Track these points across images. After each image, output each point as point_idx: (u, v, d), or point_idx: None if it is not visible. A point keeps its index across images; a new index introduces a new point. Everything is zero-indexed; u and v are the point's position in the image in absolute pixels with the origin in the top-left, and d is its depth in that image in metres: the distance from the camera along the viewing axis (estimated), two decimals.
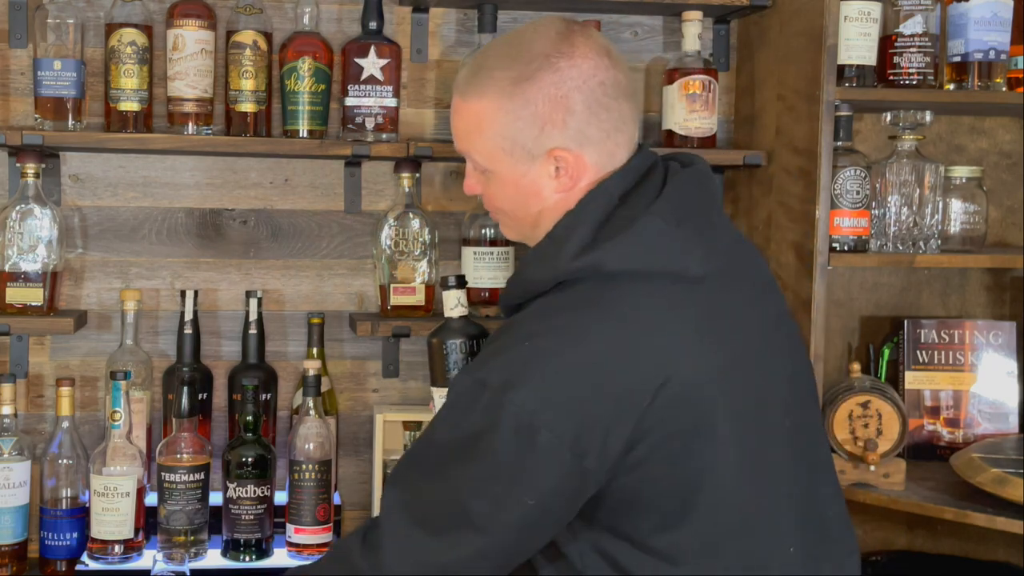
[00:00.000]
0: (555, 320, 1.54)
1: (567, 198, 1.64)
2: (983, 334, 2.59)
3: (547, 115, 1.60)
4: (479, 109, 1.65)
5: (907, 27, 2.40)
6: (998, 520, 2.15)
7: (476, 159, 1.70)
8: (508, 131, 1.63)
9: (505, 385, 1.48)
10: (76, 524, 2.29)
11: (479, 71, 1.66)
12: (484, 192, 1.74)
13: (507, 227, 1.78)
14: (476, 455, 1.50)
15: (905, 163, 2.41)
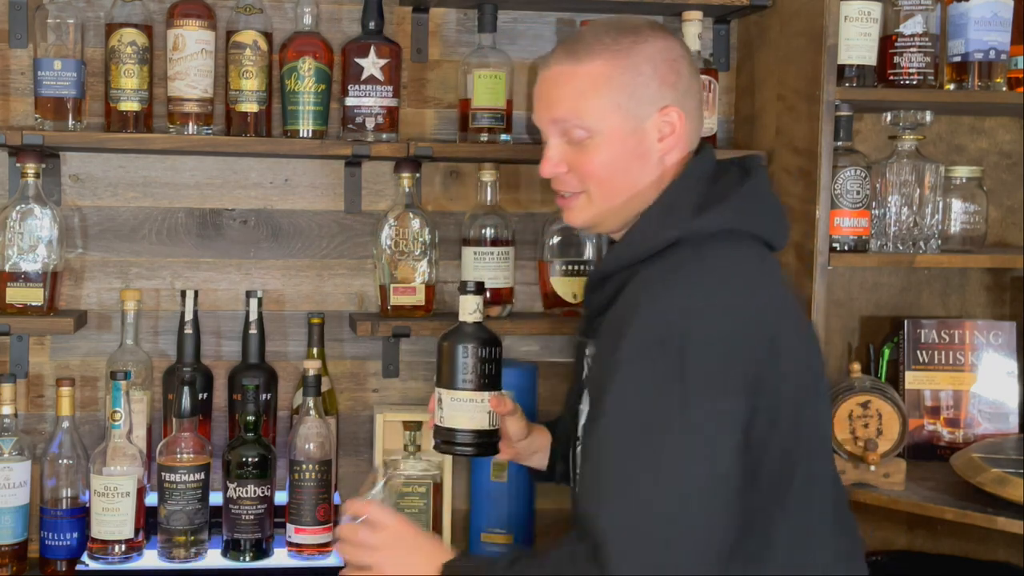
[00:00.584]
0: (695, 269, 1.61)
1: (661, 170, 1.71)
2: (983, 334, 2.59)
3: (663, 74, 1.69)
4: (594, 69, 1.68)
5: (907, 27, 2.40)
6: (998, 520, 2.15)
7: (584, 121, 1.69)
8: (627, 87, 1.68)
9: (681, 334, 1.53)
10: (76, 524, 2.29)
11: (583, 40, 1.71)
12: (577, 164, 1.72)
13: (589, 207, 1.75)
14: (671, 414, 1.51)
15: (905, 163, 2.41)
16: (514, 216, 2.54)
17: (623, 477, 1.52)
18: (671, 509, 1.50)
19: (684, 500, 1.50)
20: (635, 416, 1.53)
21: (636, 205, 1.72)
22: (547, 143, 1.75)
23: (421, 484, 2.38)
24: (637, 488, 1.50)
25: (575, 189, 1.75)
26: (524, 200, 2.60)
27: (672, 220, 1.66)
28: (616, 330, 1.58)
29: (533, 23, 2.58)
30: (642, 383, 1.53)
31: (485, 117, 2.41)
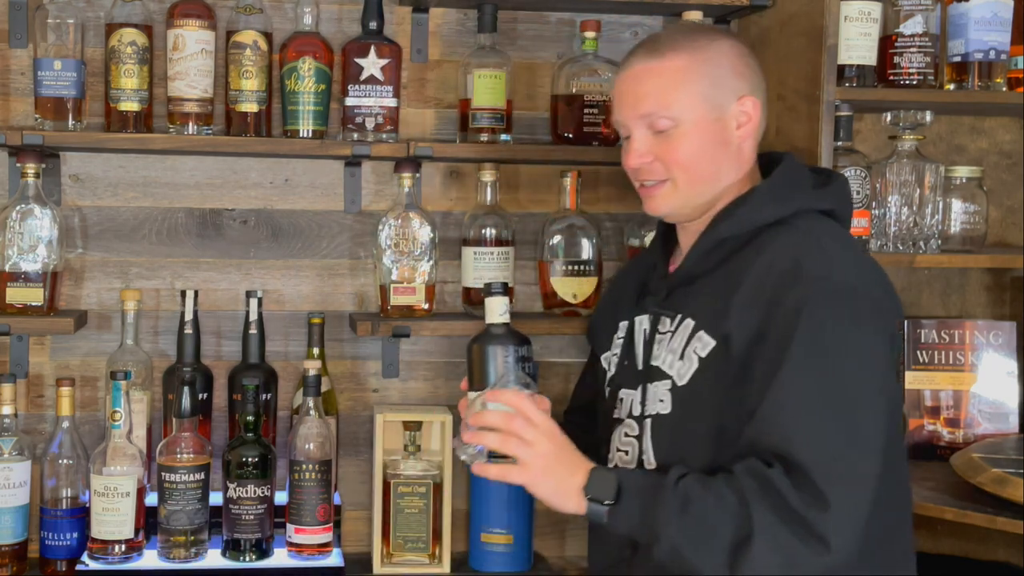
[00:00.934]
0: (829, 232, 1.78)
1: (740, 157, 1.83)
2: (983, 334, 2.59)
3: (739, 67, 1.82)
4: (677, 63, 1.79)
5: (907, 27, 2.40)
6: (998, 520, 2.15)
7: (671, 111, 1.78)
8: (709, 78, 1.79)
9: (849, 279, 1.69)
10: (76, 524, 2.29)
11: (661, 40, 1.84)
12: (663, 153, 1.80)
13: (674, 194, 1.83)
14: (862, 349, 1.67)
15: (905, 163, 2.41)
16: (514, 216, 2.54)
17: (822, 409, 1.62)
18: (864, 436, 1.63)
19: (872, 427, 1.64)
20: (828, 352, 1.64)
21: (717, 191, 1.82)
22: (630, 137, 1.83)
23: (421, 484, 2.38)
24: (836, 418, 1.62)
25: (660, 177, 1.82)
26: (524, 200, 2.60)
27: (794, 194, 1.81)
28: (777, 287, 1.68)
29: (533, 23, 2.58)
30: (829, 322, 1.64)
31: (485, 117, 2.41)
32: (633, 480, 1.68)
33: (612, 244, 2.60)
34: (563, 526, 2.63)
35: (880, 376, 1.68)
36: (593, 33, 2.46)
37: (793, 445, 1.60)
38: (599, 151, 2.45)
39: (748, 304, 1.69)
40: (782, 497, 1.58)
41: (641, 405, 1.82)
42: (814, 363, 1.63)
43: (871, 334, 1.68)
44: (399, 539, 2.38)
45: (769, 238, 1.75)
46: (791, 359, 1.63)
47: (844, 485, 1.59)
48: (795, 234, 1.74)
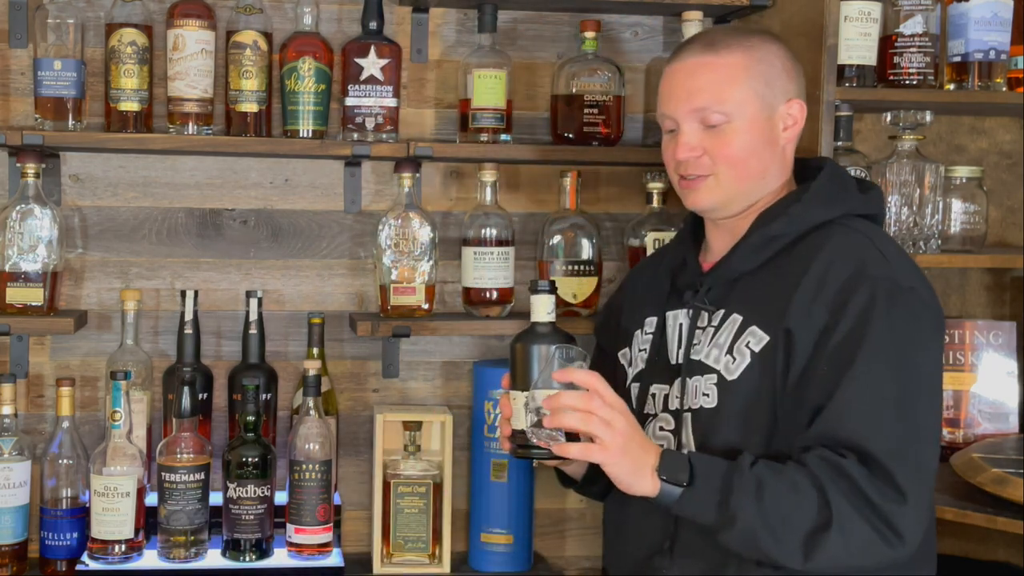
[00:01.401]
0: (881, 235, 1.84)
1: (783, 159, 1.87)
2: (983, 334, 2.59)
3: (789, 69, 1.87)
4: (735, 60, 1.82)
5: (907, 27, 2.40)
6: (998, 520, 2.15)
7: (724, 107, 1.80)
8: (763, 77, 1.82)
9: (912, 281, 1.76)
10: (76, 524, 2.29)
11: (716, 36, 1.87)
12: (713, 147, 1.82)
13: (717, 189, 1.84)
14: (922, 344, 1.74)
15: (905, 163, 2.41)
16: (514, 216, 2.54)
17: (894, 405, 1.67)
18: (929, 432, 1.71)
19: (935, 423, 1.74)
20: (896, 349, 1.69)
21: (760, 190, 1.85)
22: (678, 130, 1.85)
23: (421, 484, 2.38)
24: (907, 414, 1.67)
25: (705, 172, 1.83)
26: (524, 200, 2.60)
27: (843, 197, 1.84)
28: (842, 286, 1.72)
29: (533, 23, 2.58)
30: (896, 320, 1.70)
31: (485, 117, 2.41)
32: (706, 463, 1.68)
33: (612, 244, 2.60)
34: (563, 526, 2.63)
35: (939, 374, 1.77)
36: (593, 33, 2.46)
37: (870, 439, 1.64)
38: (599, 151, 2.45)
39: (812, 302, 1.73)
40: (859, 488, 1.62)
41: (679, 399, 1.82)
42: (885, 361, 1.68)
43: (931, 333, 1.76)
44: (399, 539, 2.38)
45: (823, 238, 1.79)
46: (863, 356, 1.68)
47: (918, 480, 1.65)
48: (852, 235, 1.79)
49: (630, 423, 1.69)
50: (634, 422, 1.71)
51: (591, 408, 1.67)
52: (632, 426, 1.70)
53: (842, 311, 1.70)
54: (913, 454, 1.66)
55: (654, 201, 2.50)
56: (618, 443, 1.67)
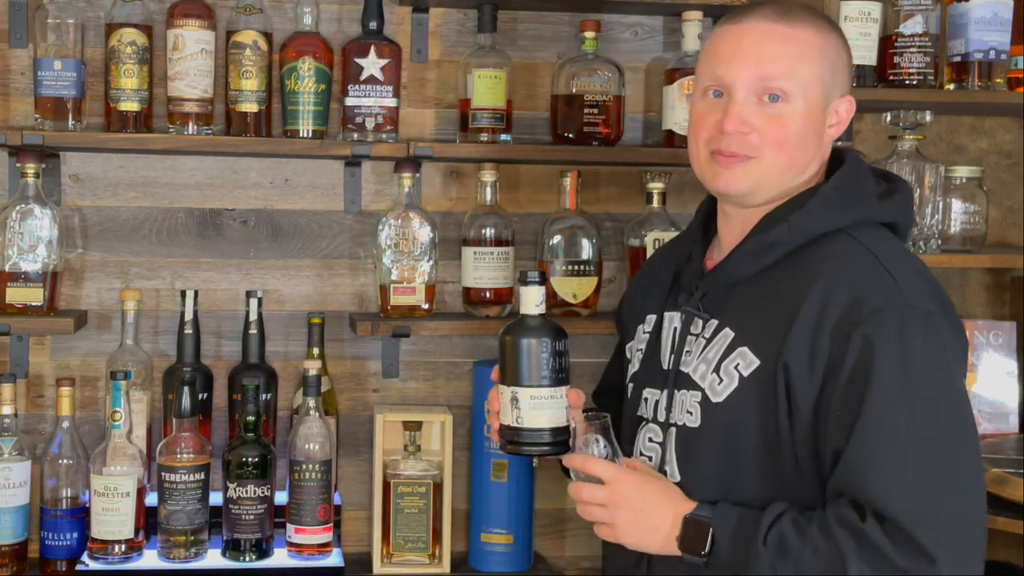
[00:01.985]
0: (892, 248, 1.66)
1: (823, 153, 1.72)
2: (983, 334, 2.59)
3: (847, 63, 1.73)
4: (810, 37, 1.66)
5: (907, 27, 2.40)
6: (998, 520, 2.15)
7: (789, 84, 1.64)
8: (833, 63, 1.68)
9: (921, 302, 1.58)
10: (76, 524, 2.29)
11: (791, 8, 1.68)
12: (764, 127, 1.65)
13: (755, 172, 1.67)
14: (941, 381, 1.56)
15: (905, 163, 2.41)
16: (514, 216, 2.54)
17: (913, 451, 1.52)
18: (963, 473, 1.54)
19: (970, 459, 1.55)
20: (912, 389, 1.53)
21: (792, 180, 1.69)
22: (730, 97, 1.66)
23: (421, 484, 2.38)
24: (928, 460, 1.52)
25: (748, 152, 1.66)
26: (524, 200, 2.59)
27: (857, 203, 1.67)
28: (841, 310, 1.56)
29: (533, 23, 2.58)
30: (910, 355, 1.54)
31: (485, 117, 2.41)
32: (726, 525, 1.60)
33: (612, 244, 2.60)
34: (563, 526, 2.63)
35: (966, 402, 1.58)
36: (593, 33, 2.46)
37: (888, 500, 1.50)
38: (599, 151, 2.45)
39: (813, 334, 1.57)
40: (882, 553, 1.49)
41: (667, 411, 1.73)
42: (897, 402, 1.52)
43: (952, 358, 1.58)
44: (399, 539, 2.38)
45: (824, 254, 1.62)
46: (872, 399, 1.52)
47: (950, 537, 1.50)
48: (856, 253, 1.62)
49: (634, 495, 1.64)
50: (640, 489, 1.64)
51: (582, 499, 1.66)
52: (637, 497, 1.64)
53: (846, 345, 1.54)
54: (941, 509, 1.50)
55: (654, 201, 2.49)
56: (621, 522, 1.64)
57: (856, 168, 1.72)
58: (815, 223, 1.64)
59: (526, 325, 1.75)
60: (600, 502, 1.65)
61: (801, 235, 1.64)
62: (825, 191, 1.67)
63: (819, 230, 1.64)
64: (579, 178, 2.48)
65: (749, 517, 1.59)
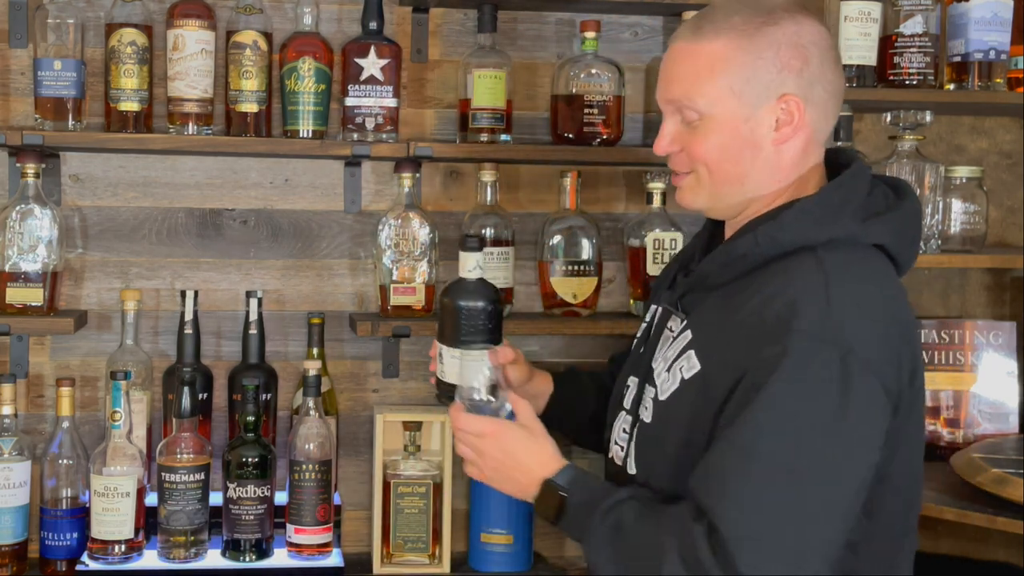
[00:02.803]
0: (855, 273, 1.59)
1: (779, 159, 1.65)
2: (983, 334, 2.59)
3: (786, 59, 1.62)
4: (715, 49, 1.63)
5: (907, 27, 2.40)
6: (998, 520, 2.15)
7: (696, 103, 1.65)
8: (744, 71, 1.62)
9: (844, 340, 1.51)
10: (76, 524, 2.29)
11: (712, 17, 1.66)
12: (688, 145, 1.68)
13: (699, 189, 1.69)
14: (824, 421, 1.50)
15: (905, 163, 2.41)
16: (514, 216, 2.54)
17: (763, 476, 1.50)
18: (806, 517, 1.50)
19: (820, 509, 1.51)
20: (790, 416, 1.51)
21: (745, 196, 1.68)
22: (664, 120, 1.72)
23: (421, 484, 2.38)
24: (777, 494, 1.50)
25: (684, 169, 1.70)
26: (524, 200, 2.59)
27: (836, 220, 1.61)
28: (769, 330, 1.54)
29: (533, 23, 2.58)
30: (803, 384, 1.51)
31: (485, 117, 2.41)
32: (576, 496, 1.67)
33: (612, 244, 2.60)
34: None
35: (850, 447, 1.51)
36: (593, 33, 2.46)
37: (718, 512, 1.49)
38: (599, 151, 2.45)
39: (734, 345, 1.58)
40: (699, 559, 1.49)
41: (636, 404, 1.77)
42: (770, 423, 1.50)
43: (854, 403, 1.51)
44: (399, 539, 2.38)
45: (783, 271, 1.59)
46: (746, 417, 1.52)
47: (767, 565, 1.48)
48: (808, 275, 1.57)
49: (503, 453, 1.72)
50: (512, 449, 1.72)
51: (458, 438, 1.77)
52: (505, 455, 1.72)
53: (753, 363, 1.53)
54: (769, 539, 1.48)
55: (654, 201, 2.49)
56: (488, 471, 1.75)
57: (850, 182, 1.66)
58: (785, 236, 1.61)
59: (459, 288, 1.86)
60: (471, 447, 1.75)
61: (770, 247, 1.61)
62: (803, 204, 1.63)
63: (789, 244, 1.61)
64: (579, 178, 2.48)
65: (601, 494, 1.65)
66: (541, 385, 2.05)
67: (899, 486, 1.64)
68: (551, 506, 1.68)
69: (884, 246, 1.65)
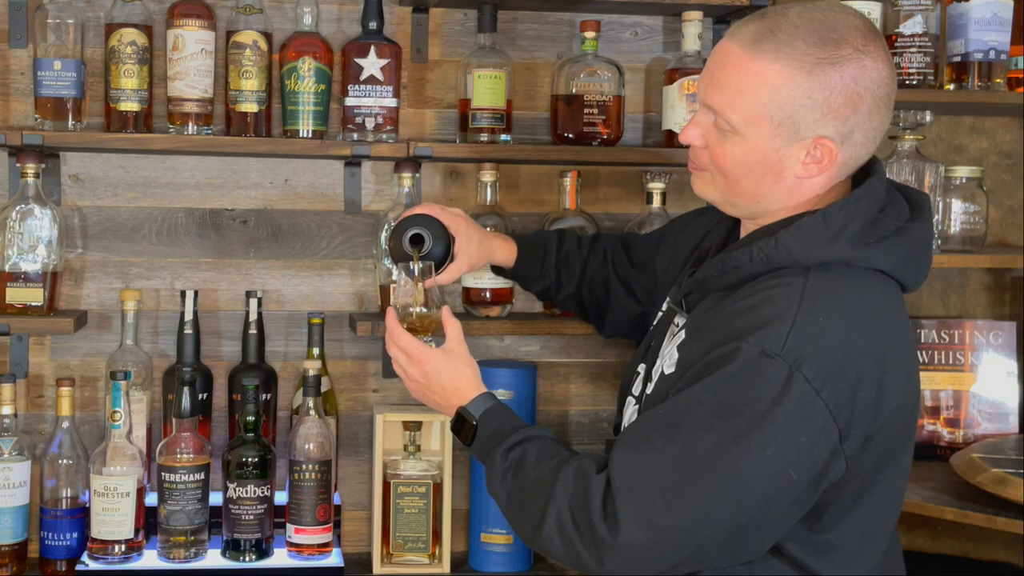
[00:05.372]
0: (834, 300, 1.57)
1: (798, 189, 1.64)
2: (983, 334, 2.59)
3: (835, 106, 1.57)
4: (768, 71, 1.57)
5: (907, 27, 2.40)
6: (998, 520, 2.15)
7: (731, 117, 1.60)
8: (790, 105, 1.57)
9: (797, 360, 1.50)
10: (76, 524, 2.29)
11: (778, 34, 1.58)
12: (713, 148, 1.65)
13: (712, 187, 1.69)
14: (749, 422, 1.50)
15: (905, 163, 2.41)
16: (514, 216, 2.54)
17: (670, 454, 1.53)
18: (699, 505, 1.52)
19: (713, 502, 1.52)
20: (717, 407, 1.52)
21: (753, 206, 1.67)
22: (698, 111, 1.68)
23: (421, 484, 2.38)
24: (678, 471, 1.52)
25: (703, 167, 1.68)
26: (524, 200, 2.59)
27: (832, 244, 1.59)
28: (735, 328, 1.55)
29: (533, 23, 2.58)
30: (741, 384, 1.52)
31: (485, 117, 2.41)
32: (485, 427, 1.76)
33: None
34: None
35: (760, 459, 1.50)
36: (593, 33, 2.46)
37: (618, 476, 1.54)
38: (599, 151, 2.45)
39: (705, 337, 1.60)
40: (589, 506, 1.55)
41: (643, 391, 1.79)
42: (696, 412, 1.53)
43: (784, 419, 1.50)
44: (399, 539, 2.38)
45: (769, 285, 1.59)
46: (677, 398, 1.56)
47: (645, 533, 1.52)
48: (788, 295, 1.56)
49: (427, 375, 1.83)
50: (435, 376, 1.82)
51: (390, 351, 1.88)
52: (428, 380, 1.83)
53: (706, 355, 1.56)
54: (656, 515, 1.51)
55: (654, 201, 2.49)
56: (415, 388, 1.86)
57: (856, 203, 1.62)
58: (779, 255, 1.60)
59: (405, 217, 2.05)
60: (399, 362, 1.86)
61: (763, 264, 1.61)
62: (805, 223, 1.61)
63: (782, 263, 1.60)
64: (579, 178, 2.48)
65: (508, 429, 1.73)
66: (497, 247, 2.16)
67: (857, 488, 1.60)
68: (464, 433, 1.78)
69: (887, 272, 1.62)
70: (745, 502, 1.52)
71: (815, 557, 1.61)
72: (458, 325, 1.87)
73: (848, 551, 1.63)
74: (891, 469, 1.63)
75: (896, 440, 1.62)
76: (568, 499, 1.58)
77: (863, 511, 1.62)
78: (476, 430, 1.76)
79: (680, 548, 1.53)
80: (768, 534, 1.57)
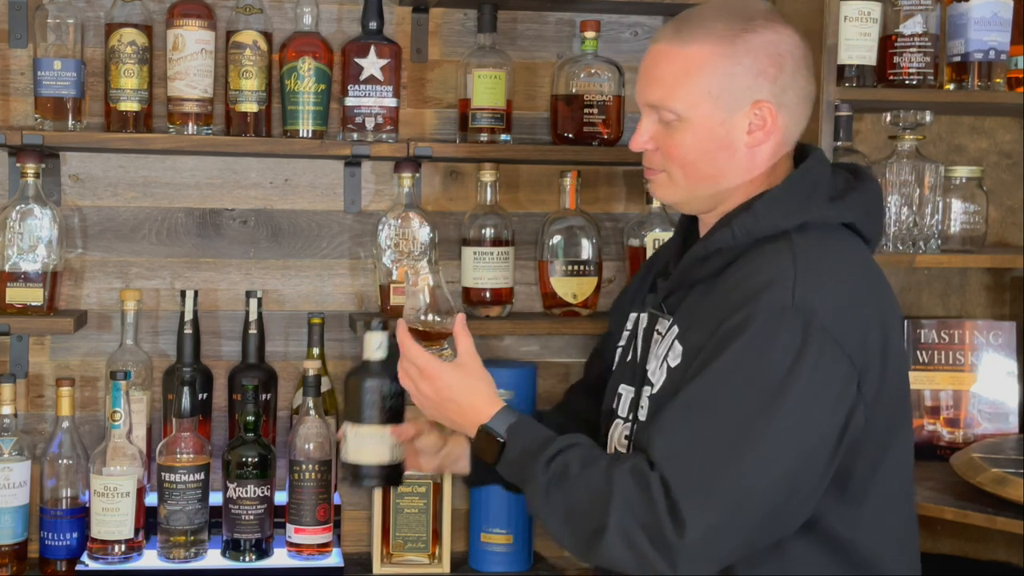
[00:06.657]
0: (824, 253, 1.65)
1: (752, 160, 1.71)
2: (983, 334, 2.59)
3: (763, 67, 1.68)
4: (694, 54, 1.68)
5: (907, 27, 2.40)
6: (998, 520, 2.15)
7: (673, 106, 1.69)
8: (722, 77, 1.67)
9: (808, 310, 1.57)
10: (76, 524, 2.29)
11: (692, 21, 1.71)
12: (664, 145, 1.73)
13: (672, 186, 1.75)
14: (779, 381, 1.55)
15: (905, 163, 2.41)
16: (514, 216, 2.54)
17: (713, 431, 1.56)
18: (749, 471, 1.54)
19: (763, 465, 1.54)
20: (745, 376, 1.56)
21: (720, 190, 1.73)
22: (642, 118, 1.75)
23: (421, 484, 2.38)
24: (720, 448, 1.54)
25: (659, 167, 1.75)
26: (524, 200, 2.60)
27: (807, 204, 1.68)
28: (739, 299, 1.60)
29: (533, 23, 2.58)
30: (762, 348, 1.56)
31: (485, 117, 2.41)
32: (515, 446, 1.70)
33: (612, 244, 2.60)
34: None
35: (798, 416, 1.55)
36: (593, 33, 2.46)
37: (667, 465, 1.55)
38: (599, 151, 2.45)
39: (708, 323, 1.63)
40: (651, 504, 1.54)
41: (634, 408, 1.79)
42: (724, 383, 1.57)
43: (812, 364, 1.56)
44: (399, 539, 2.38)
45: (758, 253, 1.65)
46: (704, 374, 1.58)
47: (708, 513, 1.53)
48: (779, 255, 1.63)
49: (439, 392, 1.78)
50: (448, 389, 1.77)
51: (402, 366, 1.81)
52: (440, 395, 1.78)
53: (719, 329, 1.60)
54: (714, 493, 1.53)
55: (654, 201, 2.49)
56: (428, 405, 1.81)
57: (812, 167, 1.73)
58: (759, 226, 1.67)
59: (364, 369, 1.87)
60: (411, 378, 1.81)
61: (746, 238, 1.67)
62: (773, 193, 1.69)
63: (763, 233, 1.67)
64: (579, 178, 2.48)
65: (542, 439, 1.68)
66: (458, 447, 1.97)
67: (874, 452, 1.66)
68: (489, 451, 1.73)
69: (853, 224, 1.72)
70: (792, 458, 1.55)
71: (844, 524, 1.65)
72: (470, 338, 1.83)
73: (879, 512, 1.67)
74: (900, 433, 1.70)
75: (899, 396, 1.70)
76: (630, 501, 1.55)
77: (885, 471, 1.67)
78: (504, 447, 1.71)
79: (742, 525, 1.55)
80: (812, 494, 1.60)
